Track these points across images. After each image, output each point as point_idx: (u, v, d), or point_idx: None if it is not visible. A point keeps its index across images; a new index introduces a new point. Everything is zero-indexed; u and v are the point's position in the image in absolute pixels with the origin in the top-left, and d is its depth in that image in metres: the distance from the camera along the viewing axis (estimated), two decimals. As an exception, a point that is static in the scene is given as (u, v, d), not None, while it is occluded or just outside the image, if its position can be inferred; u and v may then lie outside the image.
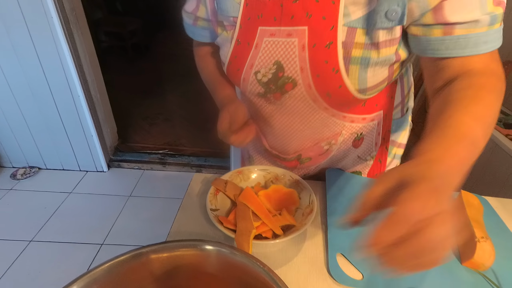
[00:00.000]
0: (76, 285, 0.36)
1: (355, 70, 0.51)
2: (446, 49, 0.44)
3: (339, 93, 0.53)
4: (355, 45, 0.49)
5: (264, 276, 0.39)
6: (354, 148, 0.70)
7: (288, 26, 0.51)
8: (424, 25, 0.45)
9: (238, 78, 0.59)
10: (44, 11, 1.56)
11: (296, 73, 0.53)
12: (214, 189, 0.62)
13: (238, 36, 0.56)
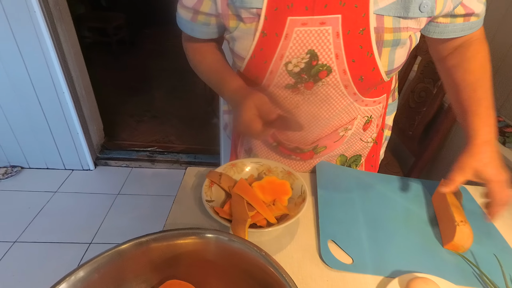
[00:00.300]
0: (76, 274, 0.37)
1: (386, 53, 0.55)
2: (462, 30, 0.59)
3: (371, 76, 0.57)
4: (385, 30, 0.53)
5: (262, 261, 0.40)
6: (362, 131, 0.73)
7: (322, 15, 0.52)
8: (452, 15, 0.57)
9: (265, 71, 0.58)
10: (27, 6, 1.52)
11: (331, 60, 0.55)
12: (208, 181, 0.63)
13: (263, 28, 0.54)
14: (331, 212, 0.64)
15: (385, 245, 0.59)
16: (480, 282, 0.53)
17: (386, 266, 0.55)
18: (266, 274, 0.39)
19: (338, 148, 0.74)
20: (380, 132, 0.78)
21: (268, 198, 0.62)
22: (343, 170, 0.76)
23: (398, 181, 0.74)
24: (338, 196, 0.68)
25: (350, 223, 0.62)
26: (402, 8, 0.51)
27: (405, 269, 0.54)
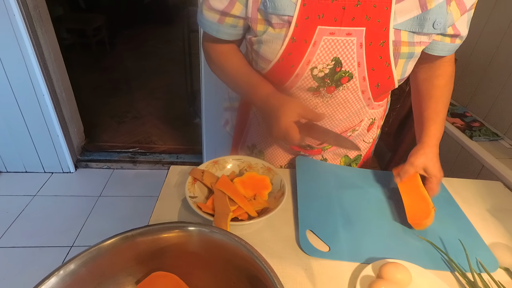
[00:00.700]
0: (65, 268, 0.39)
1: (401, 63, 0.61)
2: (448, 51, 0.66)
3: (387, 83, 0.63)
4: (402, 43, 0.59)
5: (243, 250, 0.43)
6: (366, 132, 0.81)
7: (348, 27, 0.57)
8: (443, 34, 0.63)
9: (290, 74, 0.62)
10: (6, 8, 1.50)
11: (353, 68, 0.60)
12: (191, 178, 0.65)
13: (293, 34, 0.58)
14: (309, 204, 0.67)
15: (360, 233, 0.62)
16: (447, 266, 0.58)
17: (361, 253, 0.59)
18: (248, 263, 0.42)
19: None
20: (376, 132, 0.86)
21: (249, 193, 0.65)
22: (321, 165, 0.79)
23: (372, 174, 0.79)
24: (316, 189, 0.71)
25: (327, 214, 0.66)
26: (417, 24, 0.57)
27: (378, 255, 0.58)
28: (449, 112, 1.31)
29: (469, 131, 1.17)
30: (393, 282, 0.51)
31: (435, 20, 0.56)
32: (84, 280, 0.41)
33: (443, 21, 0.57)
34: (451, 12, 0.58)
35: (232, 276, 0.45)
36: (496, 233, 0.67)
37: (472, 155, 1.11)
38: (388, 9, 0.56)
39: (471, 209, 0.72)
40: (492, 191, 0.79)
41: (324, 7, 0.56)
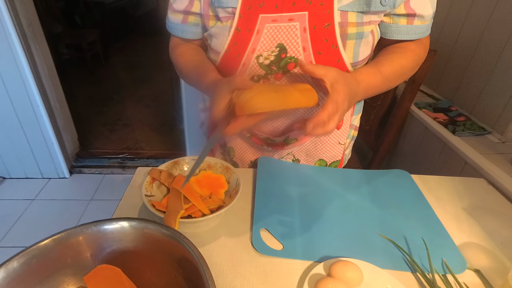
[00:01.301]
0: (17, 260, 0.42)
1: (351, 45, 0.60)
2: (407, 34, 0.63)
3: (337, 67, 0.59)
4: (349, 24, 0.58)
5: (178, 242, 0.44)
6: (336, 130, 0.76)
7: (290, 12, 0.57)
8: (394, 14, 0.61)
9: (238, 63, 0.62)
10: (2, 27, 1.61)
11: (298, 53, 0.59)
12: (150, 178, 0.65)
13: (238, 25, 0.59)
14: (267, 203, 0.66)
15: (317, 232, 0.61)
16: (409, 266, 0.55)
17: (315, 252, 0.57)
18: (184, 256, 0.43)
19: (309, 144, 0.77)
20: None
21: (205, 192, 0.64)
22: (284, 164, 0.78)
23: (340, 173, 0.77)
24: (276, 188, 0.70)
25: (285, 213, 0.64)
26: (364, 3, 0.56)
27: (335, 254, 0.56)
28: (431, 107, 1.27)
29: (451, 126, 1.13)
30: (343, 280, 0.49)
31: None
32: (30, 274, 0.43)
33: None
34: None
35: (173, 270, 0.46)
36: (470, 232, 0.63)
37: (454, 151, 1.07)
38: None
39: (444, 208, 0.69)
40: (472, 189, 0.75)
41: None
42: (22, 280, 0.42)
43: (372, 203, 0.68)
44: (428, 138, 1.22)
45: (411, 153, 1.32)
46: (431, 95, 1.41)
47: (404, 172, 0.77)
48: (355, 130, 0.85)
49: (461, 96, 1.29)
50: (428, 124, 1.19)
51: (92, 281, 0.44)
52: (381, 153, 1.27)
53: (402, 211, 0.66)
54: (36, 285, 0.43)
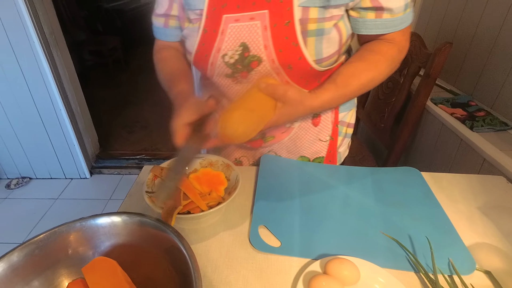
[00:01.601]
0: (18, 252, 0.44)
1: (312, 42, 0.59)
2: (376, 28, 0.60)
3: (299, 64, 0.60)
4: (310, 21, 0.57)
5: (168, 236, 0.45)
6: (313, 127, 0.76)
7: (251, 11, 0.58)
8: (361, 8, 0.59)
9: (206, 63, 0.64)
10: (27, 36, 1.72)
11: (260, 51, 0.60)
12: (152, 175, 0.66)
13: (205, 26, 0.61)
14: (267, 200, 0.65)
15: (317, 230, 0.59)
16: (412, 267, 0.53)
17: (314, 250, 0.56)
18: (175, 248, 0.44)
19: (288, 139, 0.77)
20: (334, 128, 0.80)
21: (205, 189, 0.64)
22: (287, 162, 0.77)
23: (345, 170, 0.75)
24: (278, 186, 0.69)
25: (285, 210, 0.64)
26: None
27: (333, 253, 0.54)
28: (449, 102, 1.21)
29: (469, 122, 1.07)
30: (338, 278, 0.48)
31: None
32: (31, 265, 0.45)
33: None
34: None
35: (165, 262, 0.47)
36: (483, 233, 0.59)
37: (472, 148, 1.01)
38: None
39: (457, 206, 0.65)
40: (490, 187, 0.70)
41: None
42: (22, 271, 0.44)
43: (377, 201, 0.66)
44: (445, 134, 1.16)
45: (427, 151, 1.27)
46: (450, 90, 1.34)
47: (414, 170, 0.74)
48: (348, 127, 0.83)
49: (481, 90, 1.22)
50: (445, 120, 1.14)
51: (89, 272, 0.45)
52: (396, 152, 1.22)
53: (408, 210, 0.64)
54: (36, 276, 0.45)
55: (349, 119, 0.82)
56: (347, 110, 0.80)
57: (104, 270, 0.46)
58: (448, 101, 1.21)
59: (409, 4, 0.59)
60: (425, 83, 1.11)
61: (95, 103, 2.35)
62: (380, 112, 1.33)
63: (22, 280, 0.44)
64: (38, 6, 1.72)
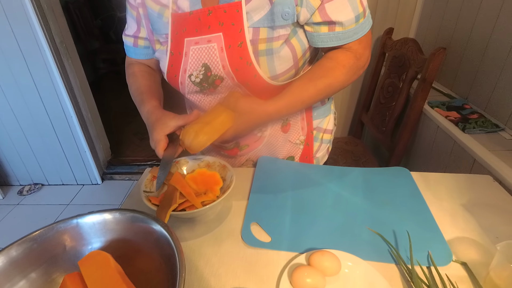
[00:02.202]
0: (16, 246, 0.47)
1: (264, 61, 0.63)
2: (330, 40, 0.63)
3: (256, 81, 0.64)
4: (260, 41, 0.61)
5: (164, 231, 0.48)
6: (283, 133, 0.80)
7: (207, 34, 0.62)
8: (314, 23, 0.61)
9: (177, 82, 0.69)
10: (38, 45, 1.77)
11: (220, 71, 0.64)
12: (151, 175, 0.71)
13: (171, 48, 0.66)
14: (261, 199, 0.69)
15: (306, 226, 0.63)
16: (393, 259, 0.56)
17: (301, 244, 0.59)
18: (165, 243, 0.47)
19: (262, 147, 0.81)
20: (309, 134, 0.83)
21: (201, 189, 0.69)
22: (283, 163, 0.81)
23: (338, 171, 0.78)
24: (272, 185, 0.73)
25: (277, 208, 0.67)
26: (271, 19, 0.59)
27: (320, 247, 0.58)
28: (444, 106, 1.24)
29: (462, 124, 1.09)
30: (319, 269, 0.51)
31: (282, 11, 0.58)
32: (35, 256, 0.48)
33: (291, 11, 0.58)
34: (307, 0, 0.57)
35: (157, 256, 0.49)
36: (464, 228, 0.62)
37: (464, 149, 1.04)
38: (239, 11, 0.59)
39: (441, 204, 0.68)
40: (476, 185, 0.73)
41: (185, 21, 0.63)
42: (21, 264, 0.47)
43: (365, 199, 0.69)
44: (440, 136, 1.18)
45: (425, 153, 1.29)
46: (447, 94, 1.37)
47: (404, 170, 0.77)
48: (325, 133, 0.85)
49: (475, 93, 1.24)
50: (440, 123, 1.17)
51: (84, 265, 0.48)
52: (397, 154, 1.25)
53: (394, 207, 0.67)
54: (34, 269, 0.48)
55: (325, 125, 0.85)
56: (322, 116, 0.83)
57: (98, 263, 0.48)
58: (444, 104, 1.24)
59: (361, 15, 0.60)
60: (421, 87, 1.14)
61: (108, 110, 2.40)
62: (382, 116, 1.36)
63: (20, 273, 0.46)
64: (49, 15, 1.78)
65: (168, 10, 0.64)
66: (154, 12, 0.66)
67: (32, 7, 1.66)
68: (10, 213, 2.07)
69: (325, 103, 0.84)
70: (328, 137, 0.87)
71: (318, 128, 0.84)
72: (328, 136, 0.87)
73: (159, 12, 0.66)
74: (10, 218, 2.03)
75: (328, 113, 0.85)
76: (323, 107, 0.83)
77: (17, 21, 1.71)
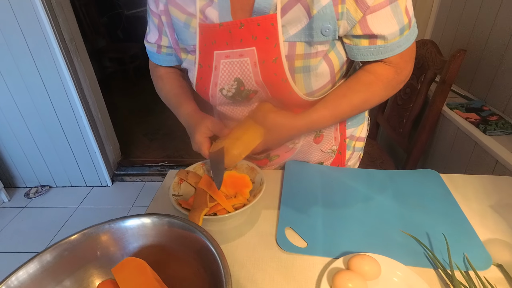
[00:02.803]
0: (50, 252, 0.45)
1: (300, 78, 0.60)
2: (371, 54, 0.58)
3: (291, 97, 0.61)
4: (296, 57, 0.58)
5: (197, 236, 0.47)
6: (315, 144, 0.78)
7: (239, 48, 0.58)
8: (354, 36, 0.57)
9: (207, 95, 0.67)
10: (47, 43, 1.73)
11: (253, 86, 0.61)
12: (178, 178, 0.70)
13: (200, 61, 0.63)
14: (292, 203, 0.68)
15: (339, 230, 0.62)
16: (431, 263, 0.55)
17: (336, 248, 0.58)
18: (203, 248, 0.46)
19: (292, 158, 0.81)
20: (342, 143, 0.81)
21: (230, 191, 0.68)
22: (310, 166, 0.80)
23: (365, 173, 0.78)
24: (302, 188, 0.73)
25: (309, 212, 0.66)
26: (309, 34, 0.55)
27: (354, 250, 0.57)
28: (463, 108, 1.23)
29: (483, 125, 1.09)
30: (360, 273, 0.50)
31: (322, 26, 0.54)
32: (61, 266, 0.47)
33: (332, 27, 0.54)
34: (348, 11, 0.53)
35: (195, 263, 0.49)
36: (495, 229, 0.62)
37: (486, 150, 1.04)
38: (274, 24, 0.55)
39: (470, 205, 0.68)
40: (502, 187, 0.73)
41: (214, 32, 0.59)
42: (54, 271, 0.45)
43: (396, 201, 0.68)
44: (460, 138, 1.18)
45: (444, 154, 1.29)
46: (464, 96, 1.37)
47: (433, 172, 0.77)
48: (357, 141, 0.83)
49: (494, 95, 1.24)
50: (460, 124, 1.16)
51: (119, 273, 0.46)
52: (414, 155, 1.25)
53: (426, 209, 0.66)
54: (67, 276, 0.47)
55: (358, 133, 0.83)
56: (356, 125, 0.81)
57: (134, 270, 0.47)
58: (462, 106, 1.23)
59: (406, 26, 0.56)
60: (441, 89, 1.14)
61: (116, 111, 2.37)
62: (399, 117, 1.36)
63: (53, 280, 0.45)
64: (58, 12, 1.73)
65: (195, 20, 0.60)
66: (180, 22, 0.62)
67: (41, 2, 1.61)
68: (17, 216, 2.04)
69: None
70: (360, 144, 0.85)
71: (351, 136, 0.82)
72: (361, 144, 0.85)
73: (185, 22, 0.62)
74: (18, 221, 2.00)
75: (362, 121, 0.83)
76: (358, 116, 0.81)
77: (25, 17, 1.64)
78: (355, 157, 0.86)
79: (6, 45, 1.74)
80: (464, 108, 1.22)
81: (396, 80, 0.61)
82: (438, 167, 1.33)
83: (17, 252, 1.77)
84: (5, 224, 1.98)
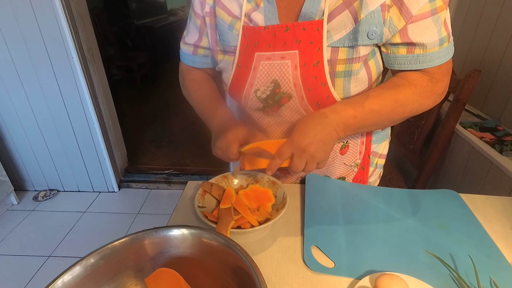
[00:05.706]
0: (87, 260, 0.47)
1: (340, 82, 0.61)
2: (409, 63, 0.59)
3: (327, 102, 0.62)
4: (338, 62, 0.59)
5: (232, 250, 0.47)
6: (340, 156, 0.79)
7: (282, 51, 0.61)
8: (391, 44, 0.58)
9: (240, 96, 0.68)
10: (66, 51, 1.80)
11: (290, 89, 0.63)
12: (202, 190, 0.71)
13: (238, 61, 0.65)
14: (316, 219, 0.68)
15: (363, 248, 0.62)
16: (456, 284, 0.54)
17: (361, 268, 0.58)
18: (237, 262, 0.46)
19: (317, 171, 0.80)
20: (366, 158, 0.81)
21: (253, 205, 0.69)
22: (330, 182, 0.81)
23: (384, 191, 0.78)
24: (323, 204, 0.72)
25: (333, 230, 0.66)
26: (353, 38, 0.57)
27: (379, 270, 0.57)
28: (477, 127, 1.24)
29: (499, 146, 1.09)
30: (388, 293, 0.50)
31: (368, 30, 0.55)
32: (101, 272, 0.48)
33: (378, 30, 0.55)
34: (391, 19, 0.54)
35: (225, 276, 0.49)
36: (519, 252, 0.62)
37: (502, 171, 1.04)
38: (319, 30, 0.57)
39: (492, 227, 0.68)
40: (521, 209, 0.73)
41: (258, 35, 0.61)
42: (92, 278, 0.47)
43: (418, 221, 0.68)
44: (475, 157, 1.18)
45: (457, 173, 1.29)
46: (477, 115, 1.37)
47: (453, 192, 0.77)
48: (380, 158, 0.84)
49: (508, 115, 1.24)
50: (475, 144, 1.17)
51: (152, 283, 0.47)
52: (426, 173, 1.25)
53: (449, 230, 0.66)
54: (104, 283, 0.48)
55: (381, 150, 0.83)
56: (380, 141, 0.82)
57: (167, 281, 0.48)
58: (476, 125, 1.24)
59: (446, 38, 0.56)
60: (454, 108, 1.15)
61: (124, 118, 2.40)
62: (410, 134, 1.37)
63: (94, 284, 0.46)
64: (79, 23, 1.81)
65: (239, 22, 0.63)
66: (225, 24, 0.65)
67: (64, 14, 1.69)
68: (25, 219, 2.05)
69: (385, 128, 0.83)
70: (382, 162, 0.85)
71: (374, 153, 0.82)
72: (382, 161, 0.86)
73: (230, 24, 0.65)
74: (26, 224, 2.01)
75: (385, 138, 0.83)
76: (383, 132, 0.82)
77: (48, 26, 1.73)
78: (376, 174, 0.86)
79: (28, 53, 1.80)
80: (478, 127, 1.23)
81: (430, 89, 0.60)
82: (451, 186, 1.34)
83: (25, 255, 1.78)
84: (14, 227, 2.00)
